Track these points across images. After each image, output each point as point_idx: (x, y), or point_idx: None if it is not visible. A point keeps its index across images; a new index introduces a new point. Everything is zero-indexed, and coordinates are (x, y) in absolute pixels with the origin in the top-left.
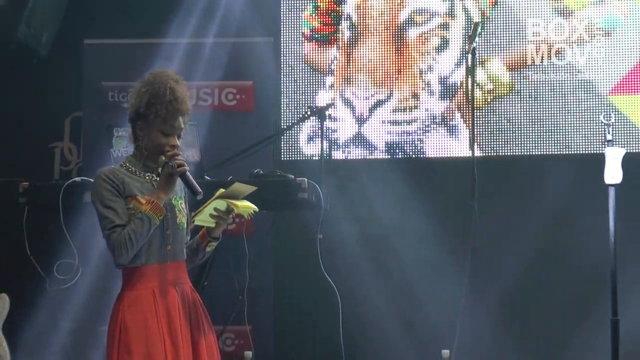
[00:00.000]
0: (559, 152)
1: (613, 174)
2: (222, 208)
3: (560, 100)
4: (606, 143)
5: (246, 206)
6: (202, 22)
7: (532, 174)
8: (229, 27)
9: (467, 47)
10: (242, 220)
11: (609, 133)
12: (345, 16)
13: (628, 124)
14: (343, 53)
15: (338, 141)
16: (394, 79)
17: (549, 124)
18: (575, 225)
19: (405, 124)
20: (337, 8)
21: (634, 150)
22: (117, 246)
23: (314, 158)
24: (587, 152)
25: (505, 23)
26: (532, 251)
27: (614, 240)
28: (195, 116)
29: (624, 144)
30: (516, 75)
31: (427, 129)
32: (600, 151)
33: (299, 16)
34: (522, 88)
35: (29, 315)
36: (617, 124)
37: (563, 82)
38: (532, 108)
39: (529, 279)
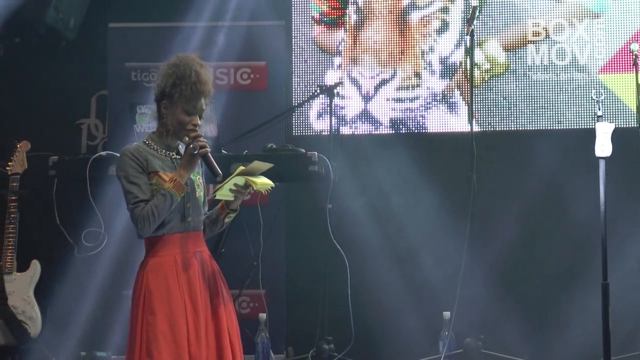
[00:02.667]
0: (552, 128)
1: (603, 147)
2: (240, 183)
3: (553, 79)
4: (596, 118)
5: (264, 183)
6: (218, 6)
7: (527, 147)
8: (244, 11)
9: (465, 29)
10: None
11: (599, 109)
12: (352, 0)
13: (616, 100)
14: (350, 35)
15: (346, 117)
16: (398, 59)
17: (542, 101)
18: (567, 194)
19: (408, 101)
20: None
21: (622, 126)
22: (140, 220)
23: (324, 133)
24: (578, 127)
25: (501, 7)
26: (527, 219)
27: (604, 209)
28: (213, 94)
29: (613, 119)
30: (511, 55)
31: (428, 105)
32: (591, 126)
33: (309, 0)
34: (517, 67)
35: (59, 280)
36: (606, 100)
37: (555, 61)
38: (526, 86)
39: (525, 245)
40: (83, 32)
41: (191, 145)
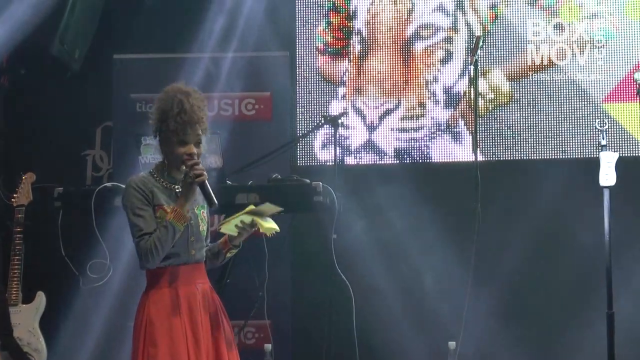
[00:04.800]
0: (556, 157)
1: (607, 176)
2: (247, 222)
3: (557, 108)
4: (600, 148)
5: (270, 227)
6: (223, 37)
7: (531, 176)
8: (248, 42)
9: (469, 59)
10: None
11: (603, 138)
12: (356, 31)
13: (620, 129)
14: (354, 65)
15: (350, 147)
16: (402, 89)
17: (546, 130)
18: (572, 224)
19: (412, 131)
20: (349, 23)
21: (626, 155)
22: (145, 253)
23: (328, 163)
24: (582, 156)
25: (505, 36)
26: (532, 249)
27: (608, 238)
28: (217, 125)
29: (617, 148)
30: (515, 85)
31: (433, 135)
32: (595, 155)
33: (313, 31)
34: (521, 97)
35: (64, 311)
36: (610, 129)
37: (559, 90)
38: (530, 115)
39: (529, 275)
40: (88, 64)
41: (189, 173)
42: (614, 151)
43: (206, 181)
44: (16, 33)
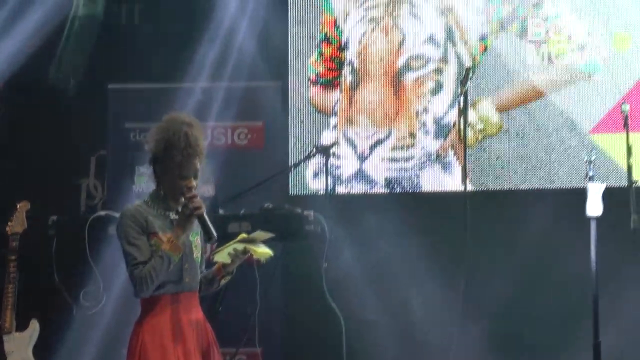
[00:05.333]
0: (544, 187)
1: (594, 207)
2: (239, 249)
3: (546, 139)
4: (588, 179)
5: (264, 252)
6: (216, 67)
7: (519, 206)
8: (241, 72)
9: (459, 90)
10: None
11: (590, 169)
12: (348, 62)
13: (607, 160)
14: (345, 96)
15: (341, 177)
16: (392, 119)
17: (535, 161)
18: (559, 254)
19: (402, 161)
20: (340, 54)
21: (613, 185)
22: (139, 281)
23: (320, 193)
24: (570, 186)
25: (494, 68)
26: (520, 277)
27: (595, 268)
28: (210, 154)
29: (604, 179)
30: (505, 115)
31: (423, 165)
32: (583, 186)
33: (305, 62)
34: (510, 128)
35: (57, 339)
36: (597, 160)
37: (548, 121)
38: (519, 146)
39: (518, 304)
40: (83, 92)
41: (189, 206)
42: (601, 182)
43: (204, 214)
44: (12, 61)
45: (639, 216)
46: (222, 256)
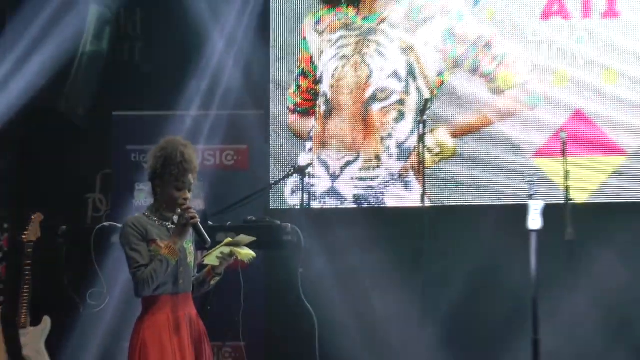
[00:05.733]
0: (492, 203)
1: (534, 221)
2: (226, 252)
3: (494, 161)
4: (529, 196)
5: (247, 253)
6: (206, 97)
7: (471, 220)
8: (228, 102)
9: (419, 118)
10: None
11: (531, 188)
12: (322, 93)
13: (547, 181)
14: (320, 123)
15: (315, 193)
16: (361, 143)
17: (484, 181)
18: (505, 261)
19: (369, 179)
20: (315, 87)
21: (552, 202)
22: (141, 282)
23: (296, 207)
24: (515, 203)
25: (450, 100)
26: (471, 282)
27: (535, 274)
28: (201, 173)
29: (544, 196)
30: (458, 141)
31: (387, 184)
32: (525, 202)
33: (285, 93)
34: (463, 151)
35: (67, 333)
36: (538, 181)
37: (496, 146)
38: (471, 168)
39: (469, 305)
40: (90, 119)
41: (184, 216)
42: (541, 199)
43: (199, 223)
44: (26, 92)
45: (573, 229)
46: (211, 259)
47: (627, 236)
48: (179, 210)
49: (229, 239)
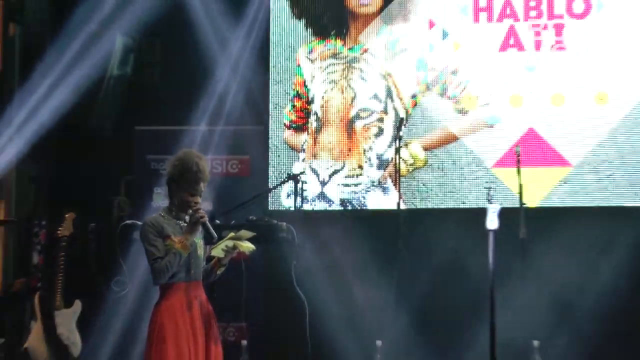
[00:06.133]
0: (458, 207)
1: (492, 222)
2: (230, 245)
3: (459, 171)
4: (488, 201)
5: (248, 247)
6: (214, 114)
7: (439, 221)
8: (234, 119)
9: (395, 134)
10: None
11: (489, 194)
12: (313, 112)
13: (504, 188)
14: (311, 137)
15: (307, 197)
16: (346, 155)
17: (451, 187)
18: (467, 257)
19: (353, 186)
20: (308, 107)
21: (506, 206)
22: (158, 272)
23: (291, 209)
24: (476, 206)
25: (422, 118)
26: (439, 274)
27: (492, 268)
28: (209, 179)
29: (501, 201)
30: (429, 153)
31: (368, 189)
32: (484, 206)
33: (282, 112)
34: (433, 162)
35: (94, 314)
36: (496, 188)
37: (460, 159)
38: (440, 176)
39: (437, 293)
40: (116, 133)
41: (195, 216)
42: (499, 203)
43: (207, 221)
44: (63, 110)
45: (526, 229)
46: (217, 251)
47: (571, 236)
48: (190, 211)
49: (232, 234)
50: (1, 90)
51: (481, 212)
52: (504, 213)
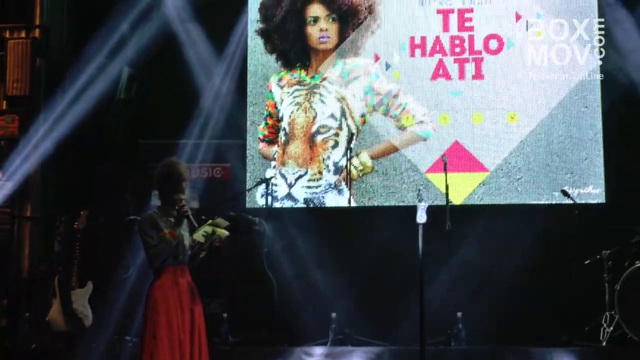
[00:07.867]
0: (397, 205)
1: (421, 217)
2: (209, 231)
3: (399, 176)
4: (419, 199)
5: (222, 232)
6: (201, 129)
7: (382, 217)
8: (217, 133)
9: (348, 146)
10: (222, 239)
11: (419, 195)
12: (282, 128)
13: (435, 189)
14: (281, 149)
15: (277, 197)
16: (309, 163)
17: (393, 189)
18: (403, 245)
19: (314, 188)
20: (278, 124)
21: (436, 204)
22: (153, 257)
23: (263, 207)
24: (411, 204)
25: (370, 133)
26: (379, 261)
27: (421, 254)
28: (198, 183)
29: (432, 200)
30: (375, 162)
31: (326, 191)
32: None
33: (256, 128)
34: (379, 169)
35: (103, 293)
36: (427, 189)
37: (401, 166)
38: (384, 180)
39: (378, 273)
40: (123, 145)
41: (180, 211)
42: (428, 202)
43: (190, 215)
44: (79, 125)
45: (451, 222)
46: (198, 236)
47: (488, 227)
48: (177, 208)
49: (210, 221)
50: (30, 111)
51: (414, 209)
52: (434, 209)
